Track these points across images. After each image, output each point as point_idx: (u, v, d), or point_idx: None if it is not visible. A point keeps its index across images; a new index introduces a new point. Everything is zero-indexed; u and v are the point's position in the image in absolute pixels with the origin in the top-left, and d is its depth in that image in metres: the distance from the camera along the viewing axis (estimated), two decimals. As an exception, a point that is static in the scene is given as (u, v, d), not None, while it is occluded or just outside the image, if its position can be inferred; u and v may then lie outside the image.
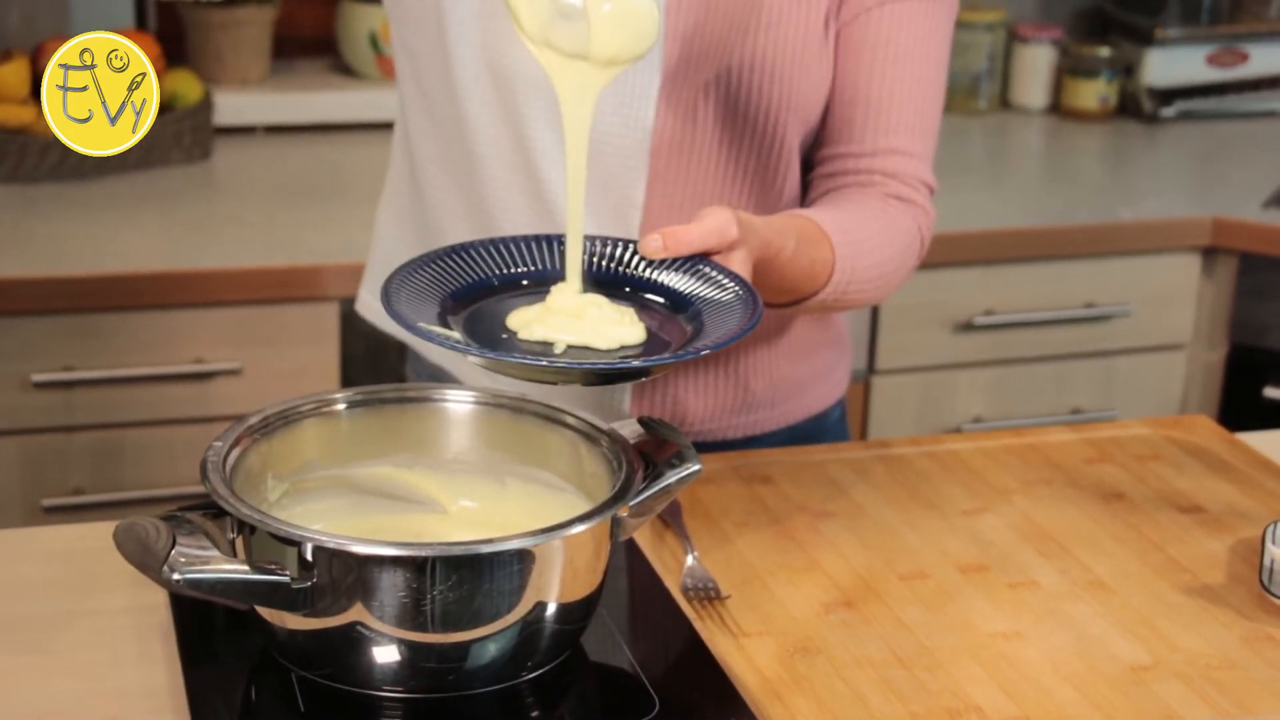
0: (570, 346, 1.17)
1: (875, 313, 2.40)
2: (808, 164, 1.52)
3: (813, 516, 1.41)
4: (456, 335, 1.17)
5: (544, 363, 1.14)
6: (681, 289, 1.25)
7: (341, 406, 1.25)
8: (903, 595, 1.29)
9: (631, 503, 1.14)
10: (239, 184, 2.42)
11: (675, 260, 1.25)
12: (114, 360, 2.09)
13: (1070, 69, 2.97)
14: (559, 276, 1.25)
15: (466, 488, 1.26)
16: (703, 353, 1.16)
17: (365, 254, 2.11)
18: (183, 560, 1.04)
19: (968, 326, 2.44)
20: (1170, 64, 2.97)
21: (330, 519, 1.22)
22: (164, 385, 2.12)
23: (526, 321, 1.20)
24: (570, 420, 1.23)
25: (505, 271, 1.27)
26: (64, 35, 2.48)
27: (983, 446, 1.55)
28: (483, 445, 1.27)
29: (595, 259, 1.27)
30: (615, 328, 1.19)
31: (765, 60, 1.43)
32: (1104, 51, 2.96)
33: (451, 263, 1.25)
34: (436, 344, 1.16)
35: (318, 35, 2.78)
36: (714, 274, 1.24)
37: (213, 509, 1.12)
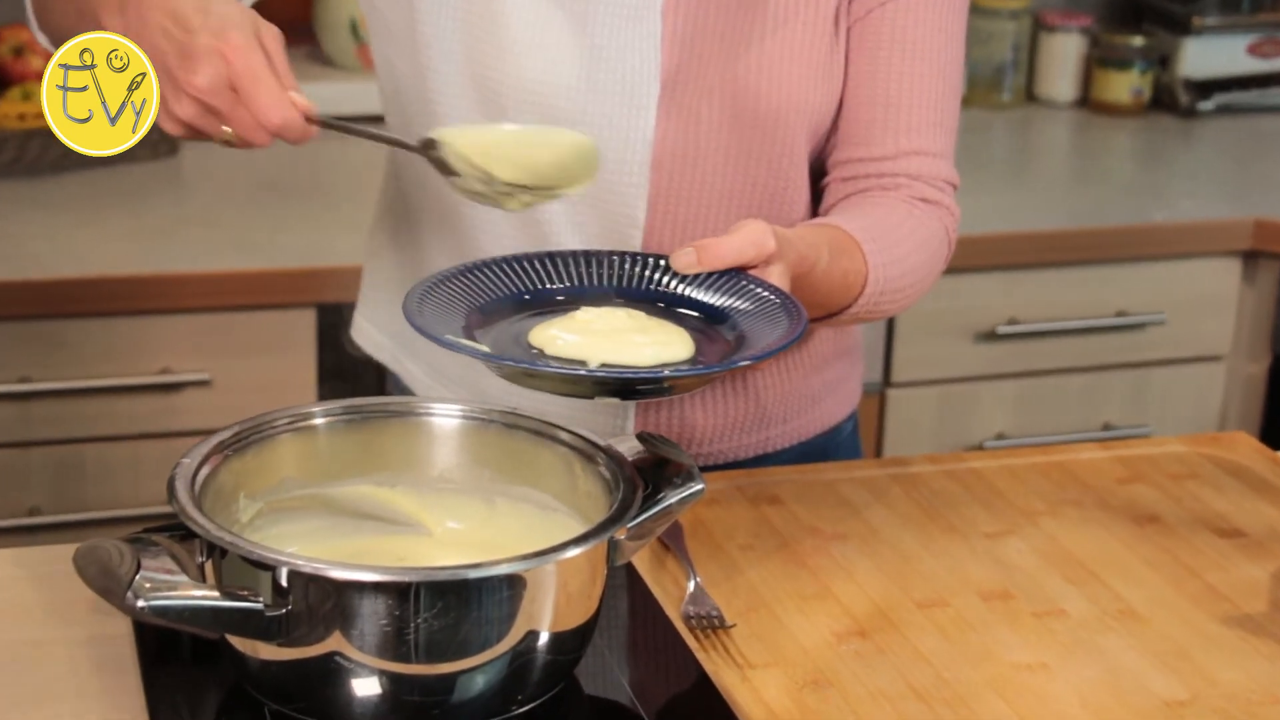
0: (604, 364, 1.18)
1: (891, 321, 2.40)
2: (817, 170, 1.52)
3: (824, 539, 1.41)
4: (484, 348, 1.19)
5: (582, 372, 1.16)
6: (719, 304, 1.26)
7: (319, 421, 1.25)
8: (920, 624, 1.29)
9: (630, 524, 1.15)
10: (209, 182, 2.43)
11: (711, 275, 1.27)
12: (74, 371, 2.10)
13: (1101, 60, 2.98)
14: (580, 294, 1.27)
15: (453, 508, 1.26)
16: (740, 364, 1.18)
17: (344, 257, 2.12)
18: (148, 585, 1.04)
19: (990, 336, 2.45)
20: (1208, 54, 2.98)
21: (307, 541, 1.22)
22: (128, 397, 2.12)
23: (552, 338, 1.21)
24: (564, 436, 1.24)
25: (527, 288, 1.29)
26: (19, 21, 2.48)
27: (1006, 465, 1.56)
28: (470, 463, 1.27)
29: (626, 276, 1.29)
30: (657, 348, 1.20)
31: (772, 62, 1.43)
32: (1137, 41, 2.96)
33: (470, 280, 1.27)
34: (467, 355, 1.17)
35: (294, 22, 2.78)
36: (753, 288, 1.26)
37: (180, 530, 1.12)
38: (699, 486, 1.18)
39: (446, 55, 1.43)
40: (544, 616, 1.10)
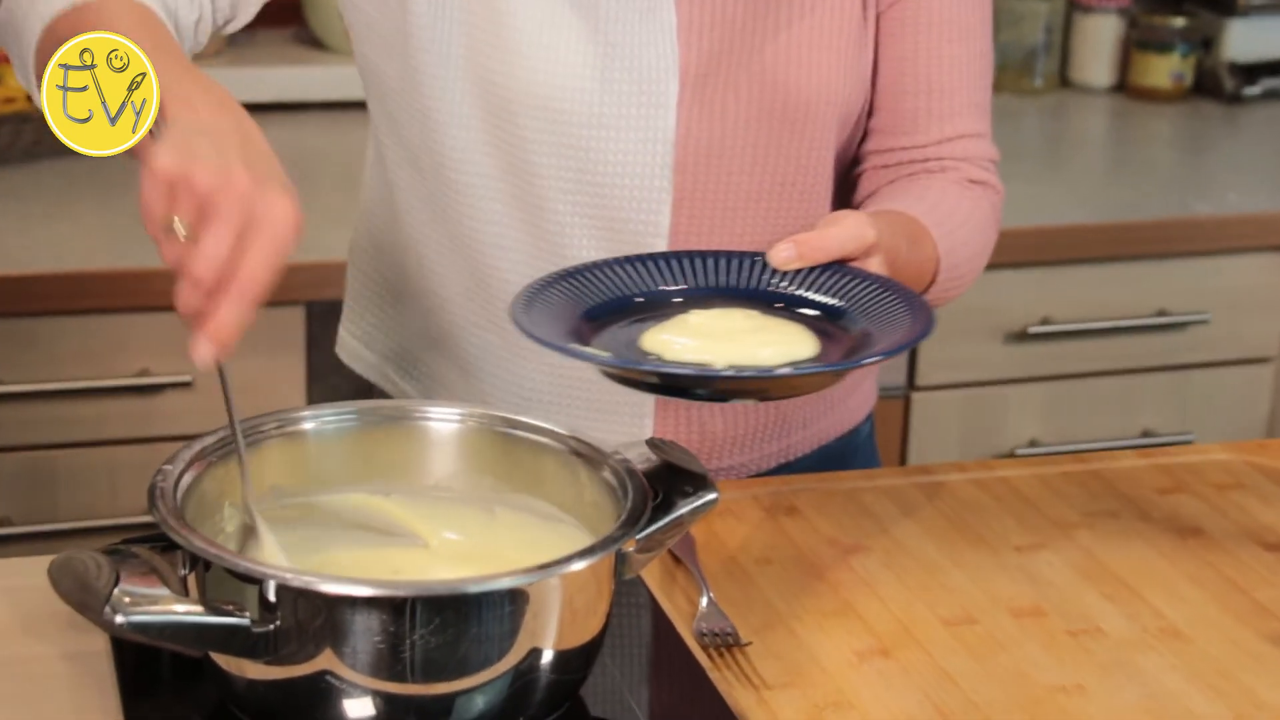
0: (731, 366, 1.19)
1: (916, 320, 2.40)
2: (844, 161, 1.54)
3: (844, 552, 1.41)
4: (606, 354, 1.21)
5: (728, 373, 1.17)
6: (832, 300, 1.29)
7: (309, 425, 1.25)
8: (947, 643, 1.29)
9: (638, 536, 1.15)
10: (190, 171, 2.43)
11: (813, 270, 1.30)
12: (47, 372, 2.10)
13: (1139, 42, 2.98)
14: (685, 297, 1.30)
15: (451, 518, 1.26)
16: (874, 359, 1.20)
17: (334, 251, 2.12)
18: (127, 600, 1.04)
19: (1021, 336, 2.45)
20: (1254, 36, 2.98)
21: (296, 553, 1.22)
22: (105, 400, 2.12)
23: (667, 342, 1.23)
24: (569, 442, 1.24)
25: (633, 291, 1.31)
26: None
27: (1039, 473, 1.56)
28: (469, 470, 1.27)
29: (729, 275, 1.31)
30: (782, 347, 1.22)
31: (800, 50, 1.44)
32: (1178, 22, 2.96)
33: (569, 286, 1.29)
34: (598, 364, 1.19)
35: (282, 1, 2.78)
36: (862, 281, 1.29)
37: (162, 541, 1.12)
38: (712, 496, 1.19)
39: (445, 59, 1.43)
40: (548, 633, 1.11)
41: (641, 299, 1.31)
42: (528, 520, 1.26)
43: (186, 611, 1.06)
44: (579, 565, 1.10)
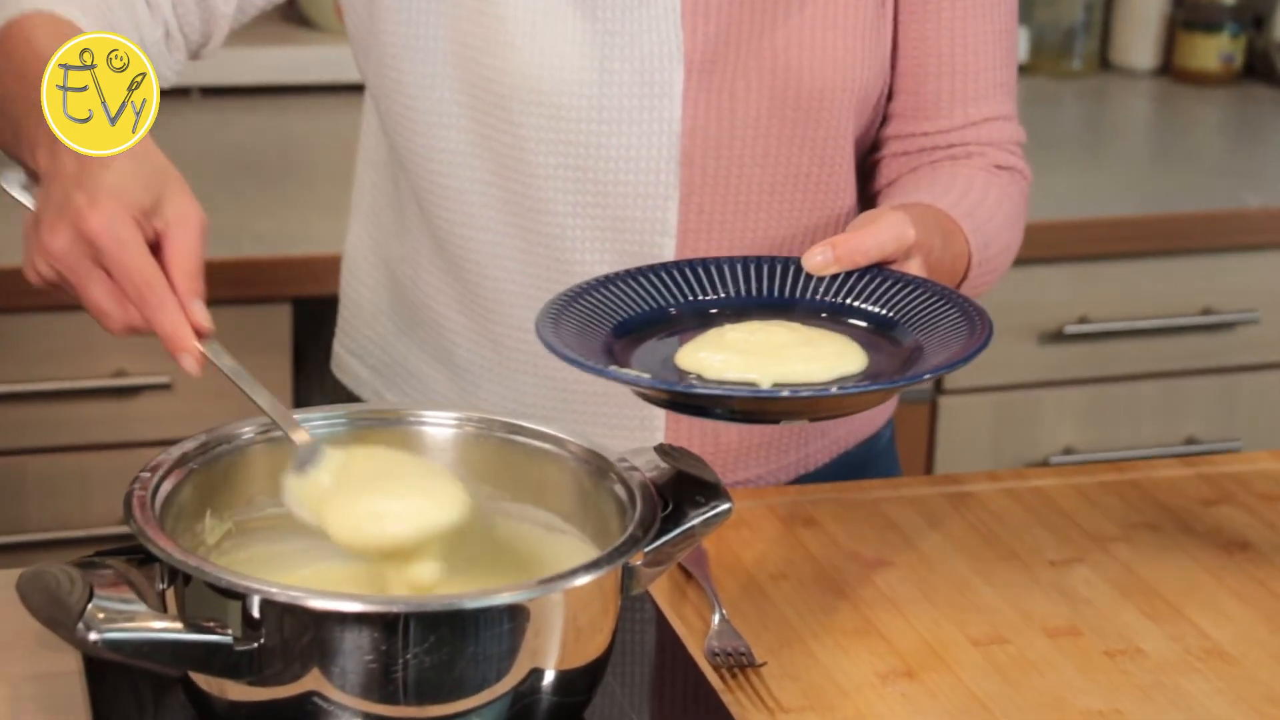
0: (777, 384, 1.19)
1: (944, 319, 2.40)
2: (861, 148, 1.54)
3: (866, 567, 1.41)
4: (647, 376, 1.21)
5: (785, 393, 1.17)
6: (878, 309, 1.29)
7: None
8: (977, 664, 1.29)
9: (647, 549, 1.15)
10: (171, 159, 2.43)
11: (851, 275, 1.30)
12: (15, 372, 2.10)
13: (1185, 22, 2.98)
14: (719, 308, 1.31)
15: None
16: (926, 376, 1.20)
17: (323, 245, 2.12)
18: (101, 616, 1.05)
19: (1057, 336, 2.45)
20: (1307, 17, 2.98)
21: (281, 566, 1.23)
22: (78, 403, 2.13)
23: (704, 360, 1.23)
24: (573, 448, 1.24)
25: (666, 304, 1.32)
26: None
27: (1075, 483, 1.56)
28: (467, 478, 1.27)
29: (763, 284, 1.32)
30: (831, 361, 1.22)
31: (814, 33, 1.44)
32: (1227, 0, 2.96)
33: (594, 301, 1.29)
34: (643, 386, 1.19)
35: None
36: (906, 285, 1.29)
37: (138, 554, 1.12)
38: (726, 506, 1.19)
39: (427, 56, 1.43)
40: (549, 652, 1.11)
41: (674, 310, 1.31)
42: (529, 531, 1.26)
43: (164, 628, 1.06)
44: (583, 580, 1.10)
